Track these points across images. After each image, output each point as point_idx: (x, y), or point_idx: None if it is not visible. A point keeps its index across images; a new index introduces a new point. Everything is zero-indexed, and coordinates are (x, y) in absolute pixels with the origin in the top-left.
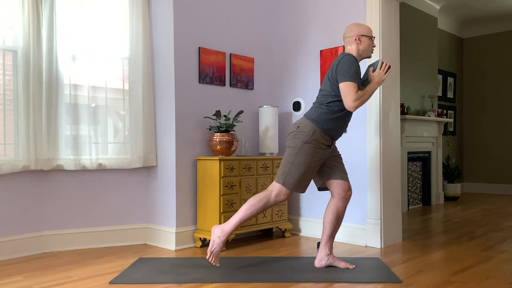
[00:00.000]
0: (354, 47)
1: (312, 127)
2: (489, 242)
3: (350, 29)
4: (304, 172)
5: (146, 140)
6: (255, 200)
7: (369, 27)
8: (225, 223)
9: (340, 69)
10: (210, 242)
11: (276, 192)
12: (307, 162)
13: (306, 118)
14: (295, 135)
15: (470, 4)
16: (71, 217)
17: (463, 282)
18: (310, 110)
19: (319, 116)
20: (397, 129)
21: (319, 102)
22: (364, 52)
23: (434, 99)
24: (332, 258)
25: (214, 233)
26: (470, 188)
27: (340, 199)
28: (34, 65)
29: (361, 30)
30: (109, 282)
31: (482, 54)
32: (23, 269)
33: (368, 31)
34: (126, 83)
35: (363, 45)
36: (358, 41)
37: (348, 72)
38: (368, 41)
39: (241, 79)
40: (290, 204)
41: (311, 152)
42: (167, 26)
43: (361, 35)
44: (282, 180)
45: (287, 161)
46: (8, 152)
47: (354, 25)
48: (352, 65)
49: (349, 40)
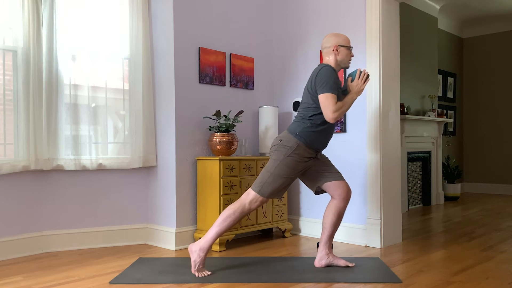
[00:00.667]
0: (332, 58)
1: (295, 141)
2: (489, 242)
3: (328, 39)
4: (282, 183)
5: (146, 140)
6: (230, 211)
7: (347, 37)
8: (201, 239)
9: (319, 80)
10: (192, 263)
11: (251, 200)
12: (286, 174)
13: (289, 133)
14: (278, 148)
15: (470, 4)
16: (71, 217)
17: (463, 282)
18: (293, 124)
19: (302, 131)
20: (397, 129)
21: (301, 116)
22: (342, 62)
23: (434, 99)
24: (331, 257)
25: (194, 253)
26: (470, 188)
27: (341, 199)
28: (34, 65)
29: (339, 41)
30: (109, 282)
31: (482, 54)
32: (23, 269)
33: (346, 41)
34: (126, 83)
35: (341, 55)
36: (336, 51)
37: (327, 83)
38: (346, 51)
39: (241, 79)
40: (290, 204)
41: (293, 165)
42: (167, 26)
43: (338, 45)
44: (258, 189)
45: (267, 171)
46: (8, 152)
47: (331, 36)
48: (330, 76)
49: (327, 50)
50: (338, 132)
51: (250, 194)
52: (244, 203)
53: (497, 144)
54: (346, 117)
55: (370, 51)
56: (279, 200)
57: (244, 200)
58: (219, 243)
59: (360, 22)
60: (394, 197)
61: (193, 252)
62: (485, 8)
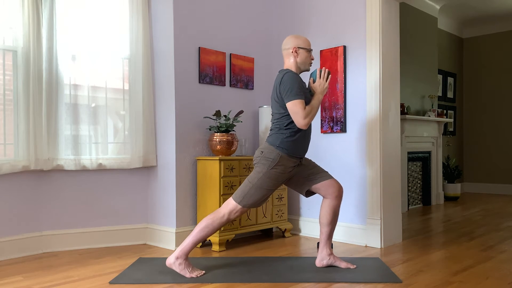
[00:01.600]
0: (292, 60)
1: (277, 153)
2: (489, 242)
3: (287, 41)
4: (263, 194)
5: (146, 140)
6: (209, 221)
7: (307, 39)
8: (177, 250)
9: (283, 88)
10: (180, 272)
11: (230, 210)
12: (268, 186)
13: (269, 144)
14: (260, 161)
15: (470, 4)
16: (71, 217)
17: (463, 282)
18: (271, 136)
19: (282, 142)
20: (397, 129)
21: (277, 127)
22: (302, 64)
23: (434, 99)
24: (333, 258)
25: (174, 265)
26: (470, 188)
27: (334, 198)
28: (34, 65)
29: (298, 42)
30: (109, 282)
31: (482, 54)
32: (23, 269)
33: (306, 43)
34: (126, 83)
35: (300, 57)
36: (295, 53)
37: (291, 90)
38: (306, 53)
39: (241, 79)
40: (290, 204)
41: (276, 177)
42: (167, 26)
43: (298, 47)
44: (239, 200)
45: (249, 182)
46: (8, 152)
47: (291, 37)
48: (294, 81)
49: (286, 52)
50: (338, 132)
51: (230, 204)
52: (223, 213)
53: (497, 144)
54: (346, 117)
55: (370, 51)
56: (279, 200)
57: (223, 210)
58: (219, 243)
59: (360, 22)
60: (394, 197)
61: (173, 264)
62: (485, 8)
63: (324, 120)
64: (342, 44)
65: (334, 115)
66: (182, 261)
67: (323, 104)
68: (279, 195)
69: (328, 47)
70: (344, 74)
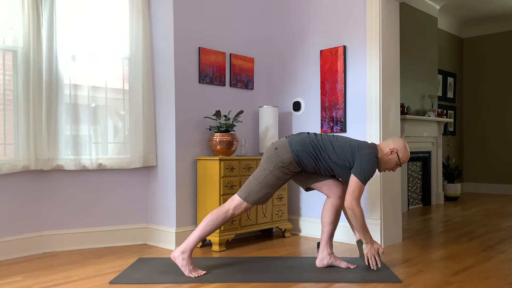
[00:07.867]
0: (385, 151)
1: (290, 157)
2: (489, 242)
3: (399, 140)
4: (268, 191)
5: (146, 140)
6: (213, 216)
7: (408, 157)
8: (183, 244)
9: (364, 164)
10: (181, 268)
11: (235, 206)
12: (274, 184)
13: (288, 145)
14: (270, 157)
15: (470, 4)
16: (71, 217)
17: (463, 282)
18: (300, 141)
19: (303, 153)
20: (397, 129)
21: (320, 149)
22: (385, 163)
23: (434, 99)
24: (333, 258)
25: (177, 259)
26: (470, 188)
27: (337, 197)
28: (34, 65)
29: (403, 152)
30: (109, 282)
31: (482, 54)
32: (23, 269)
33: (403, 159)
34: (126, 83)
35: (389, 158)
36: (391, 153)
37: (367, 173)
38: (395, 161)
39: (241, 79)
40: (290, 204)
41: (281, 176)
42: (167, 26)
43: (397, 152)
44: (244, 196)
45: (255, 179)
46: (8, 152)
47: (402, 142)
48: (373, 169)
49: (387, 144)
50: (338, 132)
51: (235, 200)
52: (227, 208)
53: (497, 144)
54: (346, 117)
55: (370, 51)
56: (279, 200)
57: (228, 206)
58: (219, 243)
59: (360, 22)
60: (394, 197)
61: (177, 258)
62: (485, 8)
63: (324, 120)
64: (342, 44)
65: (334, 115)
66: (186, 256)
67: (323, 104)
68: (279, 195)
69: (328, 47)
70: (344, 74)
